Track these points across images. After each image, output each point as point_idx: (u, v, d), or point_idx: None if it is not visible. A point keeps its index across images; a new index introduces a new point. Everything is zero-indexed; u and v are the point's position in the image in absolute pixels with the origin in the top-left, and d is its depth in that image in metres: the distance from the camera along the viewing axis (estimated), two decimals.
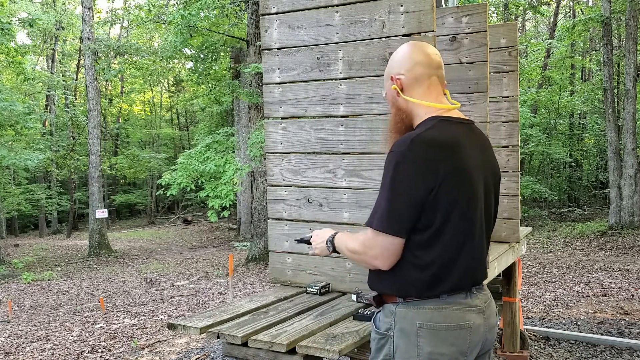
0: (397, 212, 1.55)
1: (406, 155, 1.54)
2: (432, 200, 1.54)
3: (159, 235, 20.90)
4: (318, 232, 1.96)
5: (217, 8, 11.79)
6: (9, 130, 15.53)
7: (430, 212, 1.55)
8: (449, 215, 1.57)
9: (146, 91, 30.12)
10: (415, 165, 1.53)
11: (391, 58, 1.79)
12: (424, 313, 1.60)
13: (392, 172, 1.55)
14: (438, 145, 1.56)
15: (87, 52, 15.82)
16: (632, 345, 4.44)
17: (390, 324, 1.65)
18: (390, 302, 1.67)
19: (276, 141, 2.83)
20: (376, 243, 1.60)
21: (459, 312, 1.61)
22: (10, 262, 14.55)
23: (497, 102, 4.03)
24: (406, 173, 1.53)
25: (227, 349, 2.14)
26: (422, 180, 1.53)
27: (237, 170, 10.13)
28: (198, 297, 8.36)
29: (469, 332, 1.61)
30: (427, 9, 2.41)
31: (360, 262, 1.70)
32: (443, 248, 1.59)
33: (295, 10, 2.74)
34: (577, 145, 19.40)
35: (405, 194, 1.54)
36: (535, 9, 16.56)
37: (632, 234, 11.42)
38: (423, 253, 1.59)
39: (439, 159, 1.54)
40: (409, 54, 1.74)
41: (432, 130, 1.60)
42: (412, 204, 1.54)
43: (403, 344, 1.61)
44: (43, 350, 5.82)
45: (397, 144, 1.59)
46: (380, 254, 1.60)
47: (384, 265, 1.62)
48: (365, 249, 1.64)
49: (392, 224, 1.56)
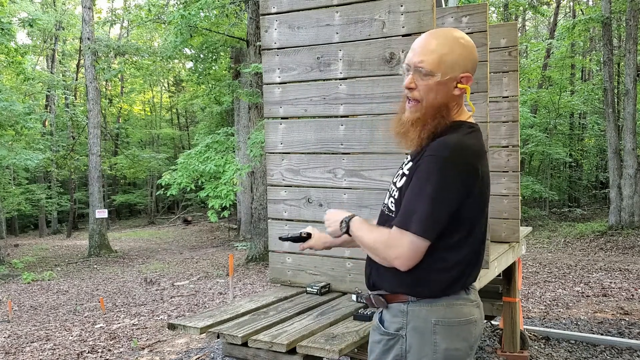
0: (437, 218, 1.55)
1: (451, 160, 1.54)
2: (465, 207, 1.57)
3: (159, 235, 20.90)
4: (332, 211, 1.89)
5: (217, 8, 11.79)
6: (9, 130, 15.53)
7: (461, 217, 1.58)
8: (477, 219, 1.62)
9: (146, 91, 30.12)
10: (457, 172, 1.55)
11: (458, 44, 1.63)
12: (437, 310, 1.61)
13: (435, 177, 1.54)
14: (475, 152, 1.59)
15: (87, 52, 15.82)
16: (632, 345, 4.44)
17: (401, 323, 1.63)
18: (398, 301, 1.65)
19: (276, 141, 2.83)
20: (403, 243, 1.57)
21: (466, 307, 1.65)
22: (10, 262, 14.55)
23: (497, 102, 4.03)
24: (449, 179, 1.54)
25: (227, 349, 2.14)
26: (463, 187, 1.55)
27: (237, 170, 10.12)
28: (198, 297, 8.36)
29: (474, 326, 1.66)
30: (427, 9, 2.41)
31: (377, 255, 1.65)
32: (468, 250, 1.63)
33: (295, 10, 2.73)
34: (577, 145, 19.39)
35: (447, 200, 1.55)
36: (535, 9, 16.56)
37: (632, 234, 11.42)
38: (450, 255, 1.61)
39: (476, 166, 1.58)
40: (474, 54, 1.66)
41: (468, 137, 1.62)
42: (451, 210, 1.56)
43: (417, 343, 1.61)
44: (43, 350, 5.82)
45: (438, 148, 1.56)
46: (404, 255, 1.57)
47: (404, 266, 1.59)
48: (388, 246, 1.60)
49: (429, 229, 1.55)
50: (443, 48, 1.61)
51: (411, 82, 1.65)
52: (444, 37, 1.64)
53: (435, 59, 1.61)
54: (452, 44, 1.63)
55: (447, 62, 1.61)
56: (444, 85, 1.62)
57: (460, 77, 1.63)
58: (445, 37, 1.64)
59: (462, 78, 1.63)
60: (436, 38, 1.64)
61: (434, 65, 1.61)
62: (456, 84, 1.63)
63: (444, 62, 1.61)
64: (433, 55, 1.61)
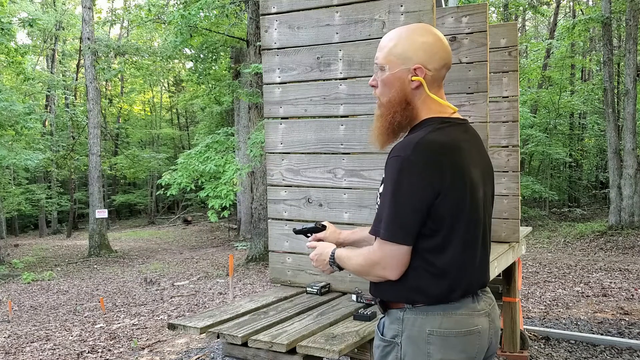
0: (403, 219, 1.50)
1: (411, 160, 1.48)
2: (439, 204, 1.50)
3: (159, 235, 20.90)
4: (317, 254, 1.88)
5: (217, 8, 11.79)
6: (9, 130, 15.52)
7: (438, 216, 1.51)
8: (457, 218, 1.54)
9: (146, 91, 30.12)
10: (420, 170, 1.48)
11: (408, 37, 1.61)
12: (433, 319, 1.55)
13: (396, 178, 1.49)
14: (442, 148, 1.52)
15: (87, 52, 15.82)
16: (632, 345, 4.44)
17: (397, 330, 1.59)
18: (396, 307, 1.62)
19: (276, 141, 2.83)
20: (383, 253, 1.54)
21: (468, 317, 1.57)
22: (10, 262, 14.55)
23: (497, 102, 4.03)
24: (411, 179, 1.48)
25: (227, 349, 2.15)
26: (428, 185, 1.48)
27: (237, 170, 10.12)
28: (198, 297, 8.36)
29: (477, 337, 1.58)
30: (427, 9, 2.41)
31: (368, 276, 1.63)
32: (454, 252, 1.55)
33: (295, 10, 2.74)
34: (577, 145, 19.39)
35: (410, 200, 1.49)
36: (535, 9, 16.57)
37: (632, 234, 11.41)
38: (435, 258, 1.54)
39: (444, 163, 1.50)
40: (437, 47, 1.61)
41: (435, 133, 1.55)
42: (418, 209, 1.49)
43: (411, 352, 1.56)
44: (43, 350, 5.82)
45: (399, 148, 1.52)
46: (388, 264, 1.54)
47: (393, 275, 1.56)
48: (371, 262, 1.58)
49: (398, 232, 1.51)
50: (391, 41, 1.62)
51: (373, 80, 1.67)
52: (396, 31, 1.64)
53: (385, 53, 1.62)
54: (401, 36, 1.61)
55: (394, 55, 1.60)
56: (397, 78, 1.60)
57: (414, 69, 1.58)
58: (397, 31, 1.64)
59: (415, 69, 1.58)
60: (389, 34, 1.66)
61: (384, 59, 1.61)
62: (411, 77, 1.59)
63: (392, 54, 1.60)
64: (384, 49, 1.63)
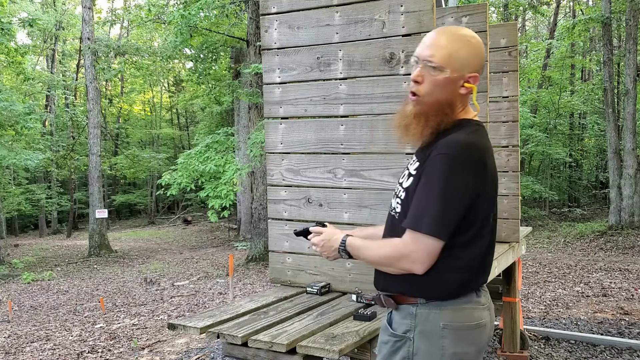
0: (449, 217, 1.53)
1: (461, 159, 1.52)
2: (477, 204, 1.56)
3: (159, 235, 20.90)
4: (324, 240, 1.84)
5: (217, 8, 11.79)
6: (9, 130, 15.52)
7: (473, 215, 1.57)
8: (487, 217, 1.61)
9: (146, 91, 30.11)
10: (468, 170, 1.53)
11: (469, 43, 1.61)
12: (446, 314, 1.59)
13: (445, 175, 1.52)
14: (483, 150, 1.58)
15: (87, 52, 15.82)
16: (632, 345, 4.44)
17: (409, 325, 1.61)
18: (409, 303, 1.63)
19: (276, 141, 2.83)
20: (418, 247, 1.55)
21: (475, 310, 1.62)
22: (10, 262, 14.55)
23: (497, 102, 4.03)
24: (460, 177, 1.52)
25: (227, 349, 2.14)
26: (473, 185, 1.54)
27: (237, 170, 10.12)
28: (198, 297, 8.36)
29: (483, 330, 1.64)
30: (427, 9, 2.41)
31: (390, 267, 1.63)
32: (479, 249, 1.61)
33: (295, 10, 2.74)
34: (577, 145, 19.39)
35: (458, 198, 1.53)
36: (535, 9, 16.57)
37: (632, 234, 11.41)
38: (463, 253, 1.59)
39: (485, 164, 1.56)
40: (482, 54, 1.65)
41: (474, 135, 1.60)
42: (462, 207, 1.54)
43: (425, 346, 1.59)
44: (43, 350, 5.82)
45: (446, 146, 1.55)
46: (419, 258, 1.55)
47: (421, 270, 1.57)
48: (400, 254, 1.58)
49: (443, 228, 1.53)
50: (454, 45, 1.60)
51: (418, 76, 1.63)
52: (456, 34, 1.63)
53: (445, 55, 1.59)
54: (463, 42, 1.62)
55: (457, 59, 1.60)
56: (451, 82, 1.61)
57: (468, 77, 1.62)
58: (457, 34, 1.63)
59: (469, 77, 1.62)
60: (448, 34, 1.63)
61: (444, 61, 1.59)
62: (463, 83, 1.62)
63: (455, 58, 1.59)
64: (444, 50, 1.60)
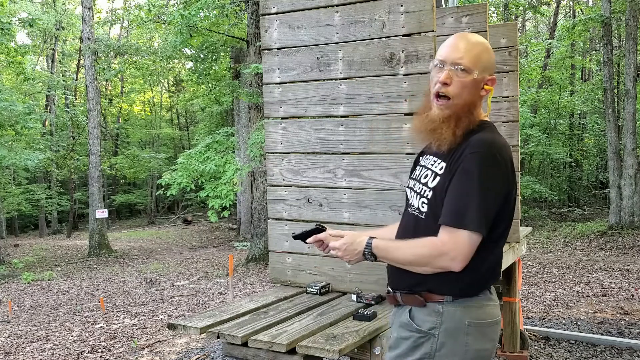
0: (489, 213, 1.58)
1: (496, 158, 1.59)
2: (506, 202, 1.63)
3: (159, 235, 20.90)
4: (346, 244, 1.79)
5: (217, 8, 11.79)
6: (9, 130, 15.52)
7: (503, 212, 1.63)
8: (510, 216, 1.67)
9: (146, 91, 30.11)
10: (501, 168, 1.60)
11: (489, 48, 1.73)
12: (470, 311, 1.64)
13: (483, 172, 1.57)
14: (509, 149, 1.67)
15: (87, 52, 15.82)
16: (632, 345, 4.44)
17: (435, 322, 1.65)
18: (435, 300, 1.66)
19: (276, 141, 2.83)
20: (459, 244, 1.57)
21: (493, 308, 1.69)
22: (10, 262, 14.55)
23: (497, 102, 4.03)
24: (496, 175, 1.59)
25: (227, 349, 2.14)
26: (507, 183, 1.62)
27: (237, 170, 10.12)
28: (198, 297, 8.36)
29: (498, 326, 1.71)
30: (427, 9, 2.41)
31: (426, 266, 1.63)
32: (499, 248, 1.68)
33: (295, 10, 2.74)
34: (577, 145, 19.39)
35: (495, 195, 1.59)
36: (535, 9, 16.58)
37: (632, 234, 11.41)
38: (492, 252, 1.65)
39: (512, 163, 1.65)
40: (494, 57, 1.77)
41: (498, 135, 1.70)
42: (498, 205, 1.60)
43: (449, 343, 1.63)
44: (43, 350, 5.82)
45: (479, 145, 1.60)
46: (460, 255, 1.57)
47: (461, 267, 1.59)
48: (440, 252, 1.59)
49: (484, 224, 1.58)
50: (478, 48, 1.69)
51: (447, 78, 1.67)
52: (473, 39, 1.72)
53: (473, 57, 1.67)
54: (484, 46, 1.72)
55: (482, 62, 1.68)
56: (476, 83, 1.68)
57: (488, 79, 1.71)
58: (474, 39, 1.72)
59: (489, 80, 1.71)
60: (468, 39, 1.71)
61: (473, 63, 1.66)
62: (484, 85, 1.71)
63: (481, 61, 1.68)
64: (472, 53, 1.67)
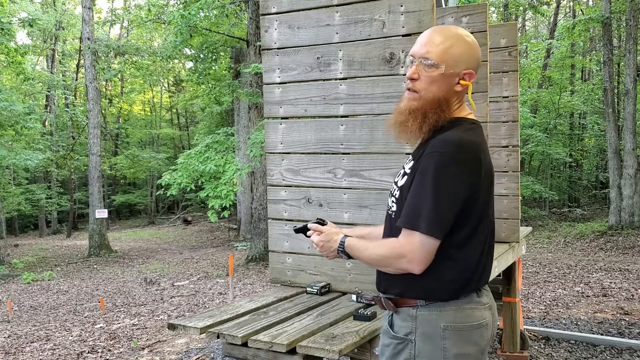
0: (443, 215, 1.53)
1: (455, 157, 1.53)
2: (471, 203, 1.57)
3: (159, 235, 20.90)
4: (323, 241, 1.83)
5: (217, 8, 11.79)
6: (9, 130, 15.52)
7: (468, 212, 1.57)
8: (481, 217, 1.61)
9: (146, 91, 30.11)
10: (462, 167, 1.54)
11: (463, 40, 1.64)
12: (447, 314, 1.59)
13: (438, 173, 1.53)
14: (479, 149, 1.59)
15: (87, 52, 15.82)
16: (632, 345, 4.44)
17: (410, 328, 1.62)
18: (408, 305, 1.64)
19: (276, 141, 2.83)
20: (413, 246, 1.55)
21: (477, 311, 1.63)
22: (10, 262, 14.55)
23: (497, 102, 4.03)
24: (454, 175, 1.53)
25: (227, 349, 2.14)
26: (468, 183, 1.55)
27: (237, 170, 10.12)
28: (198, 297, 8.36)
29: (485, 330, 1.64)
30: (427, 9, 2.41)
31: (388, 267, 1.64)
32: (475, 248, 1.61)
33: (295, 10, 2.74)
34: (577, 145, 19.39)
35: (452, 196, 1.53)
36: (535, 9, 16.57)
37: (632, 234, 11.41)
38: (458, 253, 1.59)
39: (480, 161, 1.57)
40: (477, 53, 1.68)
41: (469, 133, 1.61)
42: (456, 206, 1.54)
43: (427, 348, 1.59)
44: (43, 350, 5.82)
45: (440, 144, 1.55)
46: (417, 257, 1.55)
47: (418, 269, 1.57)
48: (397, 254, 1.58)
49: (437, 227, 1.53)
50: (448, 41, 1.63)
51: (414, 73, 1.65)
52: (449, 32, 1.67)
53: (440, 51, 1.62)
54: (457, 39, 1.65)
55: (451, 56, 1.62)
56: (446, 78, 1.63)
57: (463, 74, 1.64)
58: (451, 32, 1.67)
59: (464, 74, 1.64)
60: (442, 32, 1.66)
61: (439, 57, 1.62)
62: (458, 80, 1.64)
63: (449, 55, 1.62)
64: (439, 47, 1.63)
